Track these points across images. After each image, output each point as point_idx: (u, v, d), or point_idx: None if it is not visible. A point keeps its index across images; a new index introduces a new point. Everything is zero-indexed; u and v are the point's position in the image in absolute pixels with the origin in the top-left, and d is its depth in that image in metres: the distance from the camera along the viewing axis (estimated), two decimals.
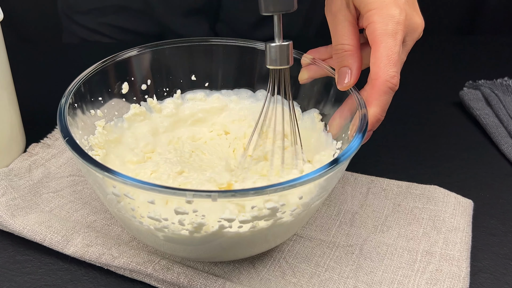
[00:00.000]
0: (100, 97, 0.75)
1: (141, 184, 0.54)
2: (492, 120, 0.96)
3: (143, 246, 0.70)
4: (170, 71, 0.82)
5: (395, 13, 0.67)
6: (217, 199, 0.54)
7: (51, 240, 0.69)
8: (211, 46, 0.81)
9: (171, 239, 0.62)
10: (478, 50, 1.25)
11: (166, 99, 0.83)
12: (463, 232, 0.74)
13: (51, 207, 0.74)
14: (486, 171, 0.87)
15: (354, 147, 0.61)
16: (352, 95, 0.70)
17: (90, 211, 0.75)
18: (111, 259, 0.67)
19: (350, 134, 0.69)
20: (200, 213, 0.57)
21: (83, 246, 0.68)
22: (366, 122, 0.65)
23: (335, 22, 0.71)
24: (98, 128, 0.74)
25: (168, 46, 0.79)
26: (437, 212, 0.77)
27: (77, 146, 0.60)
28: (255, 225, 0.60)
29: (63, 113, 0.65)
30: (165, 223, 0.59)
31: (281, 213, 0.59)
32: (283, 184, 0.55)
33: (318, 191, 0.62)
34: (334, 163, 0.58)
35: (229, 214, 0.58)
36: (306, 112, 0.80)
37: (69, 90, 0.69)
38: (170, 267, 0.66)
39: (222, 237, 0.60)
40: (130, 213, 0.60)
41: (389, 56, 0.66)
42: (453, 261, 0.70)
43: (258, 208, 0.58)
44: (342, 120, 0.73)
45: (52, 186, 0.77)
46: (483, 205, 0.80)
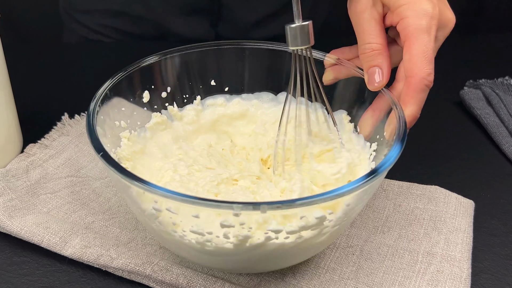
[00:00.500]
0: (123, 107, 0.74)
1: (187, 198, 0.53)
2: (493, 120, 0.95)
3: (141, 247, 0.70)
4: (190, 77, 0.80)
5: (428, 7, 0.66)
6: (267, 210, 0.53)
7: (48, 241, 0.69)
8: (229, 50, 0.80)
9: (212, 252, 0.61)
10: (478, 49, 1.25)
11: (186, 106, 0.81)
12: (464, 233, 0.73)
13: (48, 208, 0.74)
14: (487, 171, 0.87)
15: (397, 151, 0.61)
16: (384, 94, 0.69)
17: (88, 212, 0.74)
18: (109, 260, 0.67)
19: (387, 136, 0.68)
20: (247, 226, 0.56)
21: (81, 248, 0.68)
22: (405, 126, 0.64)
23: (361, 21, 0.70)
24: (123, 139, 0.73)
25: (187, 52, 0.78)
26: (438, 212, 0.76)
27: (113, 161, 0.58)
28: (301, 235, 0.59)
29: (93, 125, 0.64)
30: (209, 236, 0.58)
31: (328, 221, 0.58)
32: (332, 193, 0.54)
33: (363, 197, 0.61)
34: (379, 169, 0.58)
35: (276, 225, 0.57)
36: (334, 113, 0.78)
37: (96, 100, 0.68)
38: (169, 268, 0.66)
39: (265, 249, 0.59)
40: (170, 227, 0.59)
41: (425, 53, 0.66)
42: (454, 262, 0.70)
43: (306, 218, 0.57)
44: (374, 120, 0.72)
45: (49, 187, 0.77)
46: (484, 205, 0.80)
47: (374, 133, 0.72)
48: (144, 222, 0.64)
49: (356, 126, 0.76)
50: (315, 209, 0.56)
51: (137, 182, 0.55)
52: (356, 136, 0.75)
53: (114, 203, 0.76)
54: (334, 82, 0.77)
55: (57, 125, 0.86)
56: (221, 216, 0.56)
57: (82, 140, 0.85)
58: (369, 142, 0.73)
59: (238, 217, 0.55)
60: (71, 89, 1.01)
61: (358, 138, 0.75)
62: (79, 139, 0.85)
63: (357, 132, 0.75)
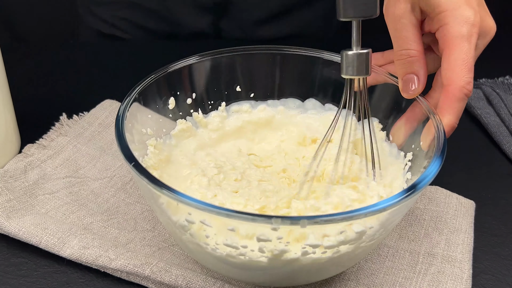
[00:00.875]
0: (149, 114, 0.73)
1: (223, 211, 0.52)
2: (494, 120, 0.95)
3: (140, 248, 0.70)
4: (216, 83, 0.80)
5: (470, 14, 0.65)
6: (306, 225, 0.52)
7: (47, 242, 0.68)
8: (260, 55, 0.79)
9: (243, 266, 0.60)
10: None
11: (211, 112, 0.81)
12: (465, 234, 0.73)
13: (47, 209, 0.74)
14: (487, 171, 0.87)
15: (438, 164, 0.60)
16: (419, 103, 0.68)
17: (86, 213, 0.74)
18: (108, 261, 0.67)
19: (424, 146, 0.66)
20: (284, 240, 0.56)
21: (80, 249, 0.68)
22: (445, 137, 0.63)
23: (399, 27, 0.68)
24: (150, 147, 0.72)
25: (212, 57, 0.77)
26: (438, 213, 0.76)
27: (145, 171, 0.57)
28: (339, 250, 0.58)
29: (122, 132, 0.63)
30: (243, 250, 0.57)
31: (366, 236, 0.57)
32: (372, 208, 0.53)
33: (403, 211, 0.61)
34: (420, 183, 0.57)
35: (315, 240, 0.56)
36: (364, 121, 0.77)
37: (123, 107, 0.67)
38: (168, 269, 0.66)
39: (299, 263, 0.58)
40: (202, 240, 0.59)
41: (464, 61, 0.64)
42: (455, 262, 0.70)
43: (345, 232, 0.56)
44: (408, 129, 0.71)
45: (48, 188, 0.77)
46: (485, 205, 0.80)
47: (408, 142, 0.71)
48: (173, 233, 0.64)
49: (388, 135, 0.75)
50: (355, 223, 0.55)
51: (171, 193, 0.55)
52: (388, 145, 0.74)
53: (112, 204, 0.76)
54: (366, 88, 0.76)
55: (55, 125, 0.86)
56: (258, 230, 0.55)
57: (81, 141, 0.84)
58: (403, 151, 0.72)
59: (276, 231, 0.54)
60: (69, 89, 1.01)
61: (391, 147, 0.74)
62: (78, 139, 0.84)
63: (389, 141, 0.75)
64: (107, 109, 0.91)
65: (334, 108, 0.80)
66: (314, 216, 0.53)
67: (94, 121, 0.88)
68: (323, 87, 0.80)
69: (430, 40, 0.72)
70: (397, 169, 0.71)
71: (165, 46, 1.18)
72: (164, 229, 0.73)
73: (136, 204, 0.76)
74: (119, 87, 0.86)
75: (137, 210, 0.76)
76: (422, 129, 0.68)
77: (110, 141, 0.86)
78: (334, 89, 0.80)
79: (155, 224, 0.74)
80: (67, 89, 1.01)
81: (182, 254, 0.70)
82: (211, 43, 1.19)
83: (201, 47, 0.81)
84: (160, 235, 0.72)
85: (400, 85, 0.70)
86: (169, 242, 0.71)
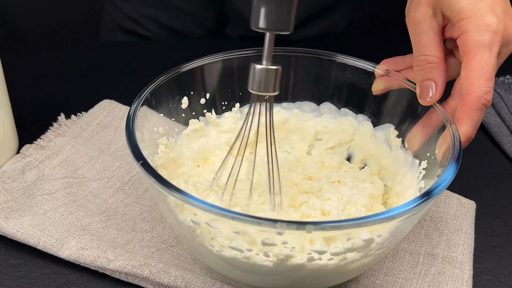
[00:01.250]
0: (161, 113, 0.73)
1: (229, 214, 0.52)
2: (494, 119, 0.95)
3: (139, 249, 0.70)
4: (229, 84, 0.79)
5: (493, 22, 0.64)
6: (312, 231, 0.51)
7: (45, 243, 0.68)
8: (274, 57, 0.78)
9: (248, 269, 0.60)
10: None
11: (224, 113, 0.81)
12: (465, 234, 0.73)
13: (45, 210, 0.74)
14: (488, 171, 0.87)
15: (452, 173, 0.59)
16: (436, 110, 0.68)
17: (84, 213, 0.74)
18: (106, 262, 0.67)
19: (439, 155, 0.66)
20: (289, 245, 0.55)
21: (78, 249, 0.68)
22: (460, 146, 0.62)
23: (419, 32, 0.68)
24: (161, 146, 0.73)
25: (227, 58, 0.77)
26: (439, 213, 0.76)
27: (152, 170, 0.58)
28: (346, 257, 0.57)
29: (132, 130, 0.63)
30: (248, 253, 0.57)
31: (375, 244, 0.57)
32: (382, 215, 0.53)
33: (413, 219, 0.60)
34: (432, 191, 0.56)
35: (321, 246, 0.56)
36: (379, 127, 0.77)
37: (134, 106, 0.67)
38: (167, 270, 0.66)
39: (305, 269, 0.58)
40: (208, 242, 0.59)
41: (484, 70, 0.63)
42: (456, 263, 0.70)
43: (353, 239, 0.55)
44: (424, 136, 0.70)
45: (46, 188, 0.77)
46: (486, 206, 0.80)
47: (423, 150, 0.70)
48: (180, 234, 0.64)
49: (404, 142, 0.74)
50: (362, 231, 0.55)
51: (177, 193, 0.55)
52: (404, 152, 0.74)
53: (111, 205, 0.76)
54: (383, 93, 0.75)
55: (53, 125, 0.86)
56: (263, 234, 0.54)
57: (79, 141, 0.84)
58: (417, 159, 0.71)
59: (281, 235, 0.54)
60: (68, 89, 1.01)
61: (406, 155, 0.73)
62: (76, 139, 0.84)
63: (405, 148, 0.74)
64: (105, 109, 0.90)
65: (350, 113, 0.80)
66: (320, 221, 0.52)
67: (93, 121, 0.88)
68: (338, 90, 0.79)
69: (452, 46, 0.71)
70: (411, 178, 0.70)
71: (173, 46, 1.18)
72: (163, 229, 0.73)
73: (135, 204, 0.76)
74: (118, 87, 0.87)
75: (135, 211, 0.76)
76: (438, 137, 0.67)
77: (108, 141, 0.86)
78: (349, 93, 0.79)
79: (154, 225, 0.74)
80: (65, 89, 1.01)
81: (181, 255, 0.70)
82: (230, 43, 1.19)
83: (214, 46, 0.81)
84: (159, 236, 0.72)
85: (417, 91, 0.69)
86: (168, 243, 0.71)
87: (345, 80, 0.78)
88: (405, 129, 0.74)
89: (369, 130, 0.77)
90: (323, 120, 0.81)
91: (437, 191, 0.56)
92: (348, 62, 0.77)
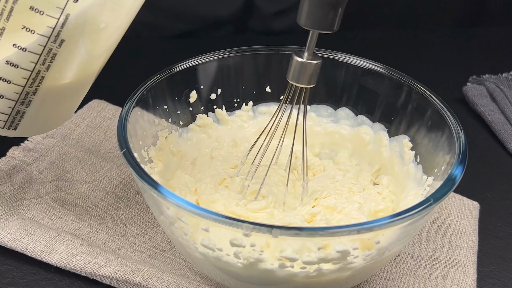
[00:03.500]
0: (165, 105, 0.74)
1: (196, 210, 0.53)
2: (498, 117, 0.96)
3: (130, 254, 0.70)
4: (243, 81, 0.79)
5: None
6: (278, 235, 0.51)
7: (33, 248, 0.68)
8: (286, 56, 0.77)
9: (222, 269, 0.60)
10: (482, 43, 1.25)
11: (235, 110, 0.81)
12: (469, 236, 0.73)
13: (33, 214, 0.74)
14: (492, 171, 0.87)
15: (448, 189, 0.58)
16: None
17: (74, 218, 0.74)
18: (97, 268, 0.67)
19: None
20: (258, 248, 0.55)
21: (67, 255, 0.68)
22: (464, 163, 0.61)
23: None
24: (161, 138, 0.73)
25: (243, 54, 0.77)
26: (441, 215, 0.76)
27: (133, 159, 0.59)
28: (320, 268, 0.57)
29: (124, 122, 0.64)
30: (219, 253, 0.57)
31: (352, 257, 0.56)
32: (357, 226, 0.52)
33: (399, 235, 0.58)
34: (406, 212, 0.54)
35: (292, 253, 0.55)
36: (394, 138, 0.76)
37: (133, 96, 0.68)
38: (160, 276, 0.66)
39: (277, 276, 0.58)
40: (183, 237, 0.59)
41: None
42: (459, 266, 0.70)
43: (325, 250, 0.55)
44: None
45: (34, 192, 0.77)
46: (489, 206, 0.80)
47: (431, 165, 0.69)
48: (163, 228, 0.65)
49: (417, 156, 0.73)
50: (336, 241, 0.54)
51: (146, 182, 0.56)
52: (415, 167, 0.72)
53: (101, 208, 0.76)
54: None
55: None
56: (232, 234, 0.54)
57: (68, 143, 0.84)
58: (426, 175, 0.70)
59: (249, 237, 0.54)
60: None
61: (416, 170, 0.72)
62: (64, 141, 0.84)
63: (417, 162, 0.73)
64: (95, 109, 0.90)
65: (367, 121, 0.79)
66: (289, 227, 0.53)
67: (82, 122, 0.88)
68: (356, 96, 0.79)
69: None
70: (415, 195, 0.69)
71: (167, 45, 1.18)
72: (156, 234, 0.73)
73: (126, 208, 0.76)
74: (107, 87, 0.86)
75: (127, 215, 0.75)
76: (444, 145, 0.67)
77: (98, 142, 0.86)
78: (368, 100, 0.79)
79: (145, 229, 0.74)
80: None
81: (174, 260, 0.70)
82: (248, 40, 1.20)
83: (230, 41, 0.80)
84: (151, 241, 0.72)
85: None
86: (161, 248, 0.71)
87: (364, 85, 0.78)
88: (419, 142, 0.73)
89: (384, 141, 0.77)
90: (339, 126, 0.80)
91: (413, 213, 0.54)
92: (362, 65, 0.77)
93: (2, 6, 0.53)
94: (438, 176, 0.66)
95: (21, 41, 0.55)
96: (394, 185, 0.73)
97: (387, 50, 0.76)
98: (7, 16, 0.54)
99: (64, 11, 0.54)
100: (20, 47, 0.56)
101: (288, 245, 0.56)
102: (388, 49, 0.77)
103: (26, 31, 0.55)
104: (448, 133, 0.66)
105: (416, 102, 0.73)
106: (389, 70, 0.75)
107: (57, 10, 0.54)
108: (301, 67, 0.64)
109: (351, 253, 0.55)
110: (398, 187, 0.73)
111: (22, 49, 0.56)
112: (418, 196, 0.69)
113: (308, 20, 0.60)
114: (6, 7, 0.53)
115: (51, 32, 0.55)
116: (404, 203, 0.69)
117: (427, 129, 0.71)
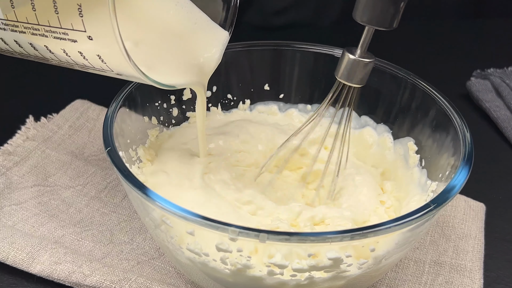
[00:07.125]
0: (156, 103, 0.74)
1: (179, 212, 0.52)
2: (504, 113, 0.96)
3: (117, 263, 0.70)
4: (241, 78, 0.79)
5: None
6: (266, 240, 0.51)
7: (14, 257, 0.68)
8: (293, 52, 0.79)
9: (209, 275, 0.60)
10: (486, 35, 1.25)
11: (232, 109, 0.81)
12: (475, 239, 0.74)
13: (14, 221, 0.74)
14: (498, 171, 0.87)
15: (451, 194, 0.57)
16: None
17: (57, 224, 0.74)
18: (82, 277, 0.67)
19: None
20: (245, 254, 0.55)
21: (51, 264, 0.68)
22: (468, 171, 0.61)
23: None
24: (150, 137, 0.74)
25: (240, 49, 0.77)
26: (445, 217, 0.76)
27: (118, 158, 0.59)
28: (312, 276, 0.56)
29: (110, 120, 0.64)
30: (206, 258, 0.57)
31: (346, 265, 0.56)
32: (350, 233, 0.51)
33: (398, 243, 0.58)
34: (400, 219, 0.53)
35: (281, 259, 0.55)
36: (399, 141, 0.76)
37: (121, 93, 0.68)
38: (149, 285, 0.66)
39: (263, 284, 0.58)
40: (169, 240, 0.59)
41: None
42: (465, 271, 0.70)
43: (316, 257, 0.55)
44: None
45: (14, 198, 0.77)
46: (496, 208, 0.80)
47: (435, 168, 0.69)
48: (149, 229, 0.65)
49: (422, 160, 0.72)
50: (327, 248, 0.54)
51: (129, 181, 0.56)
52: (419, 171, 0.72)
53: (86, 214, 0.76)
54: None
55: (21, 129, 0.86)
56: (217, 238, 0.54)
57: (50, 145, 0.84)
58: (431, 180, 0.70)
59: (235, 242, 0.53)
60: (36, 89, 1.01)
61: (421, 174, 0.72)
62: (46, 144, 0.84)
63: (421, 166, 0.72)
64: (78, 110, 0.90)
65: (371, 122, 0.79)
66: (279, 232, 0.52)
67: (64, 124, 0.88)
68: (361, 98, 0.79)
69: None
70: (418, 201, 0.69)
71: None
72: (144, 241, 0.73)
73: (112, 214, 0.76)
74: (91, 86, 0.86)
75: (113, 221, 0.75)
76: (449, 147, 0.67)
77: (82, 145, 0.86)
78: (370, 98, 0.78)
79: (133, 235, 0.74)
80: (33, 89, 1.01)
81: (163, 268, 0.70)
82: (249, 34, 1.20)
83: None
84: (139, 248, 0.72)
85: None
86: (149, 256, 0.71)
87: (369, 85, 0.77)
88: (424, 144, 0.73)
89: (389, 143, 0.76)
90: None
91: (407, 220, 0.54)
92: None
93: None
94: (442, 180, 0.66)
95: None
96: (397, 190, 0.73)
97: (387, 44, 0.76)
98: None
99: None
100: None
101: (277, 251, 0.56)
102: (388, 42, 0.77)
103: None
104: (454, 134, 0.66)
105: (419, 100, 0.73)
106: (391, 66, 0.75)
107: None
108: (353, 65, 0.64)
109: (344, 261, 0.55)
110: (401, 192, 0.73)
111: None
112: (421, 202, 0.68)
113: (365, 15, 0.60)
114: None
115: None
116: (406, 209, 0.69)
117: (431, 130, 0.71)
